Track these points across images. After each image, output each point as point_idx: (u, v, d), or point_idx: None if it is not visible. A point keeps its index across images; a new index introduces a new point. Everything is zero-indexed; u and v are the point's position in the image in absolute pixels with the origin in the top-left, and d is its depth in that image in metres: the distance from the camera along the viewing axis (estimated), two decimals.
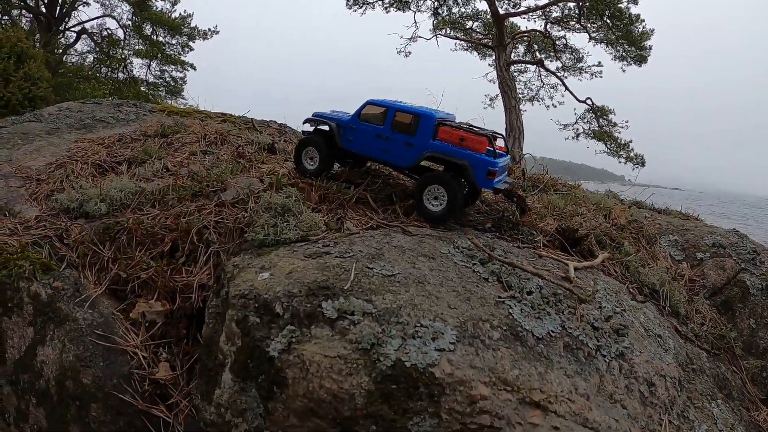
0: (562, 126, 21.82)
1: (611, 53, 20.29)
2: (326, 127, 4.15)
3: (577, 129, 20.32)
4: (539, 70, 22.47)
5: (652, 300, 3.85)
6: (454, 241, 3.33)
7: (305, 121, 4.27)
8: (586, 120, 20.73)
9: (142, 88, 19.02)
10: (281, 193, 4.00)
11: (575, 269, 3.37)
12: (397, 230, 3.54)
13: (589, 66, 22.01)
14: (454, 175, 3.42)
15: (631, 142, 18.73)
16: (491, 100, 24.62)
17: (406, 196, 4.18)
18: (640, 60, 19.22)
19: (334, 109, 4.33)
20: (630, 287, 3.82)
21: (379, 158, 3.82)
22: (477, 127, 3.85)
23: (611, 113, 19.70)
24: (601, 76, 21.77)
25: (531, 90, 23.12)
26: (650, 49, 18.95)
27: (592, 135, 19.54)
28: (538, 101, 23.04)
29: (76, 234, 3.97)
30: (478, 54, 24.01)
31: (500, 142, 3.89)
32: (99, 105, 8.18)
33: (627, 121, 19.35)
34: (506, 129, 21.24)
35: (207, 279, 3.72)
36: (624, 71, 19.72)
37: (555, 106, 23.52)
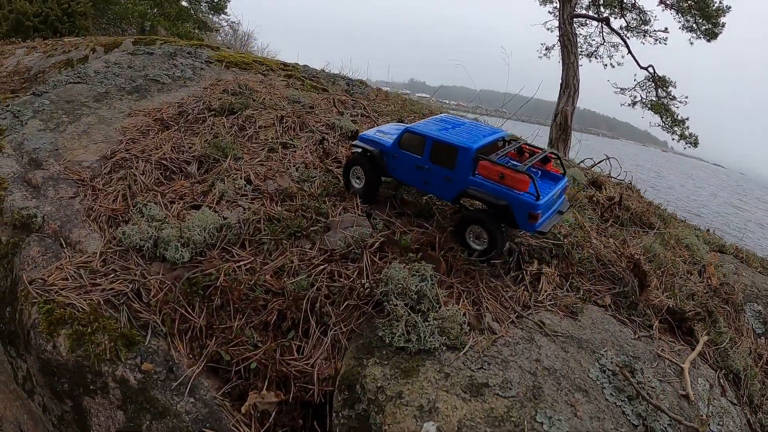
0: (619, 89, 19.62)
1: (680, 21, 17.63)
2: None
3: (635, 96, 18.23)
4: (602, 27, 19.77)
5: (734, 387, 3.57)
6: (598, 355, 3.02)
7: (351, 146, 4.06)
8: (644, 88, 18.55)
9: (183, 3, 16.89)
10: (411, 268, 3.08)
11: (688, 370, 3.18)
12: (535, 329, 3.11)
13: (654, 30, 19.29)
14: (494, 214, 3.11)
15: (687, 119, 16.79)
16: (547, 49, 22.08)
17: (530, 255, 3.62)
18: (711, 35, 16.70)
19: (381, 128, 4.02)
20: (721, 377, 3.49)
21: (422, 189, 3.54)
22: (530, 146, 3.52)
23: (672, 85, 17.51)
24: (665, 43, 19.16)
25: (590, 46, 20.56)
26: (723, 26, 16.39)
27: (649, 106, 17.53)
28: (596, 58, 20.58)
29: (157, 290, 3.04)
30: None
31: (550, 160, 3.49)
32: (151, 57, 6.81)
33: (686, 97, 17.23)
34: (561, 84, 19.18)
35: (326, 367, 2.87)
36: (692, 43, 17.20)
37: (613, 66, 21.06)
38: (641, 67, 18.69)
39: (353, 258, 3.30)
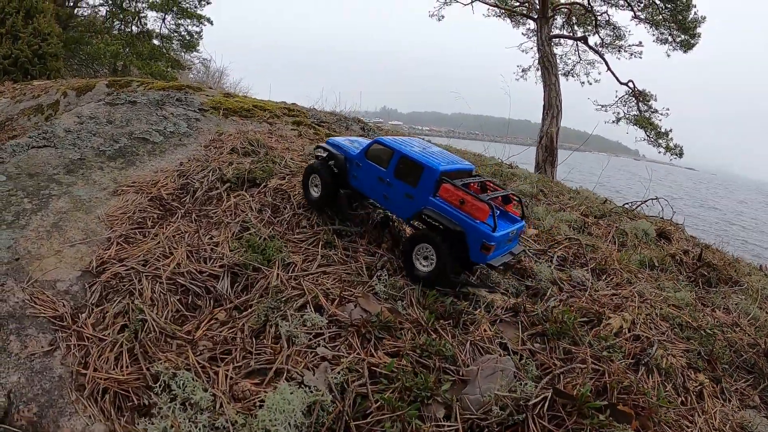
0: (600, 106, 19.12)
1: (654, 35, 17.34)
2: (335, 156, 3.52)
3: (618, 113, 17.73)
4: (577, 45, 19.36)
5: None
6: None
7: (316, 148, 3.75)
8: (625, 104, 18.10)
9: (155, 41, 15.68)
10: None
11: None
12: None
13: (629, 45, 18.96)
14: (446, 237, 2.87)
15: (671, 131, 16.36)
16: (523, 71, 21.57)
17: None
18: (687, 46, 16.37)
19: (351, 137, 3.86)
20: None
21: (380, 203, 3.32)
22: (494, 184, 3.37)
23: (653, 99, 17.10)
24: (640, 57, 18.83)
25: (566, 65, 20.11)
26: (699, 36, 16.09)
27: (633, 121, 17.03)
28: (573, 76, 20.11)
29: None
30: (512, 22, 20.60)
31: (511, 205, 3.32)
32: (134, 107, 5.31)
33: (668, 109, 16.83)
34: (544, 106, 18.54)
35: None
36: (669, 56, 16.88)
37: (590, 84, 20.64)
38: (621, 83, 18.30)
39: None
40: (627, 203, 6.36)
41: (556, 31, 19.33)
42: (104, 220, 3.22)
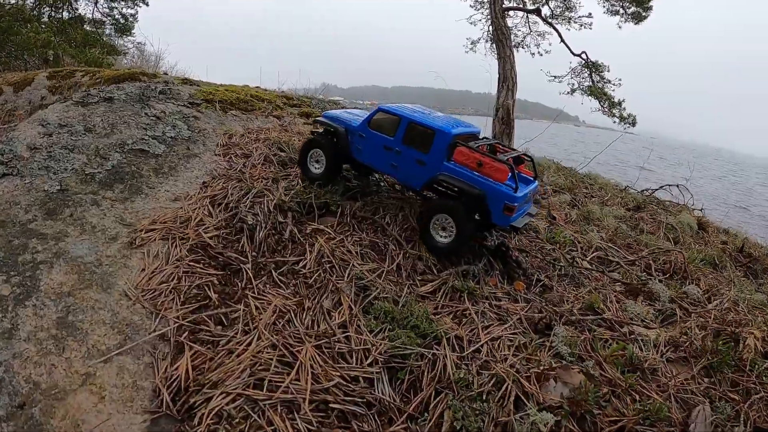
0: (553, 77, 19.05)
1: (605, 6, 17.29)
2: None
3: (573, 84, 17.79)
4: (527, 17, 18.95)
5: None
6: None
7: (314, 122, 3.42)
8: (577, 75, 18.17)
9: (87, 27, 13.43)
10: None
11: None
12: None
13: (579, 17, 18.81)
14: (465, 203, 2.66)
15: (624, 101, 16.70)
16: (473, 43, 20.85)
17: None
18: (638, 18, 16.39)
19: (348, 109, 3.62)
20: None
21: (388, 173, 3.00)
22: (503, 146, 3.16)
23: (605, 70, 17.29)
24: (590, 28, 18.83)
25: (516, 36, 19.67)
26: (651, 9, 16.18)
27: (588, 92, 17.20)
28: (523, 48, 19.77)
29: None
30: None
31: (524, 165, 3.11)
32: (112, 105, 3.91)
33: (620, 79, 17.10)
34: (499, 78, 17.98)
35: None
36: (620, 27, 16.95)
37: (541, 55, 20.43)
38: (574, 54, 18.22)
39: None
40: (644, 189, 6.14)
41: (509, 3, 18.72)
42: (138, 299, 2.12)
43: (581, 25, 19.58)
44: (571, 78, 19.01)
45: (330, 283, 2.32)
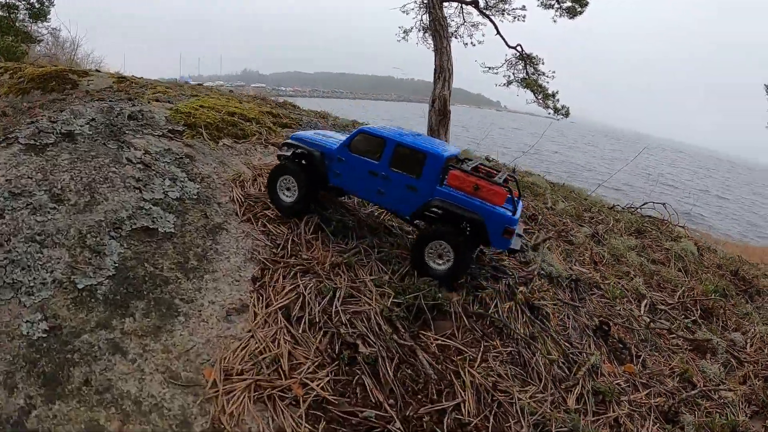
0: (488, 68, 19.41)
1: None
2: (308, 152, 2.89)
3: (509, 76, 18.24)
4: (462, 8, 18.85)
5: None
6: None
7: (282, 145, 3.04)
8: (512, 66, 18.67)
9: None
10: None
11: None
12: None
13: (513, 9, 19.17)
14: (462, 229, 2.56)
15: (557, 92, 17.47)
16: (405, 32, 20.47)
17: None
18: (573, 12, 17.03)
19: (318, 131, 3.30)
20: None
21: (373, 200, 2.84)
22: (485, 166, 2.95)
23: (540, 62, 17.94)
24: (524, 20, 19.33)
25: (449, 26, 19.61)
26: (587, 4, 16.92)
27: (524, 84, 17.77)
28: (456, 38, 19.76)
29: None
30: None
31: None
32: (79, 148, 2.66)
33: (554, 71, 17.87)
34: (436, 70, 17.82)
35: None
36: (555, 21, 17.56)
37: (474, 45, 20.67)
38: (509, 46, 18.57)
39: None
40: (630, 207, 6.35)
41: None
42: None
43: (515, 17, 19.94)
44: (507, 70, 19.54)
45: None
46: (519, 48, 19.90)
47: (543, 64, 18.84)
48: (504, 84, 19.76)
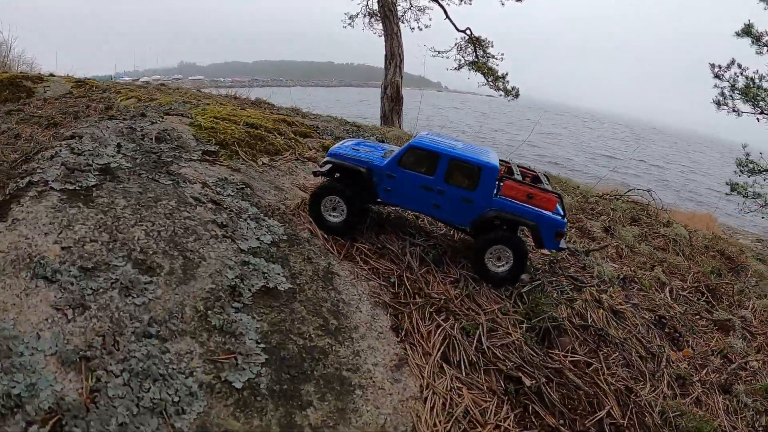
0: (437, 52, 19.88)
1: None
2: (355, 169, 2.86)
3: (460, 60, 18.78)
4: None
5: None
6: None
7: (324, 163, 2.87)
8: (461, 50, 19.28)
9: None
10: None
11: None
12: None
13: None
14: (516, 233, 2.81)
15: (507, 74, 18.36)
16: (351, 18, 20.23)
17: None
18: None
19: (354, 142, 3.16)
20: None
21: (429, 214, 2.89)
22: (525, 168, 3.25)
23: (489, 45, 18.70)
24: (470, 4, 19.97)
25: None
26: None
27: (475, 67, 18.43)
28: (403, 23, 19.90)
29: None
30: None
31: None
32: (126, 189, 2.14)
33: (503, 54, 18.75)
34: (386, 56, 17.97)
35: None
36: (503, 4, 18.30)
37: (420, 29, 21.03)
38: (458, 30, 18.94)
39: None
40: (617, 195, 7.03)
41: None
42: None
43: (461, 0, 20.46)
44: (457, 53, 20.04)
45: None
46: (468, 32, 20.46)
47: (492, 47, 19.61)
48: (455, 68, 20.27)
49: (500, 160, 3.01)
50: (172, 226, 2.13)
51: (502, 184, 2.74)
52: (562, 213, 2.79)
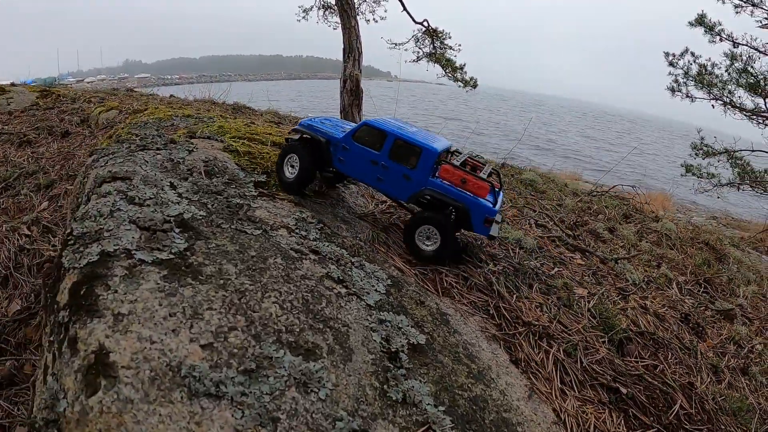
0: (394, 44, 20.54)
1: None
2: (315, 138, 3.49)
3: (418, 53, 19.55)
4: None
5: None
6: None
7: (292, 131, 3.53)
8: (418, 41, 20.06)
9: None
10: None
11: None
12: None
13: None
14: (447, 215, 3.16)
15: (465, 65, 19.42)
16: (305, 11, 20.28)
17: None
18: None
19: (325, 118, 3.76)
20: None
21: (373, 185, 3.34)
22: (472, 158, 3.65)
23: (447, 37, 19.65)
24: None
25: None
26: None
27: (434, 60, 19.28)
28: (359, 15, 20.37)
29: None
30: None
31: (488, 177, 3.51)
32: (244, 258, 2.15)
33: (460, 45, 19.77)
34: (345, 49, 18.33)
35: None
36: None
37: (376, 21, 21.59)
38: (416, 22, 19.59)
39: None
40: (600, 192, 7.99)
41: None
42: None
43: None
44: (415, 45, 20.68)
45: None
46: (426, 23, 21.22)
47: (450, 38, 20.52)
48: (414, 60, 20.91)
49: (454, 150, 3.50)
50: (298, 291, 2.08)
51: (439, 167, 3.13)
52: (493, 201, 3.15)
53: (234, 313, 1.84)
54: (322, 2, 19.84)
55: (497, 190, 3.37)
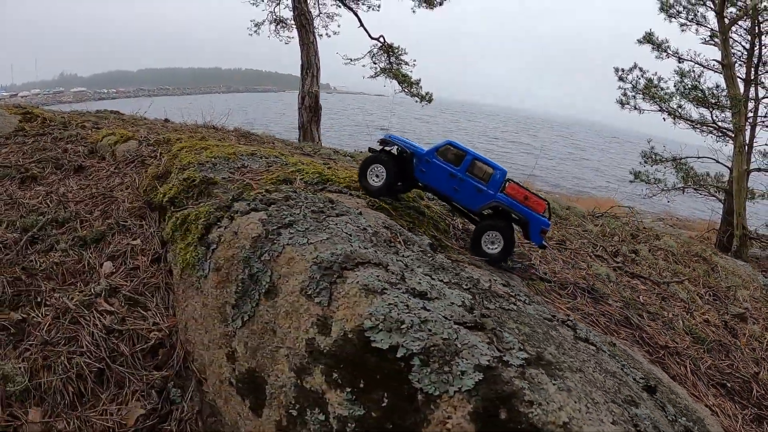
0: (349, 60, 21.83)
1: None
2: (395, 151, 4.28)
3: (377, 68, 20.90)
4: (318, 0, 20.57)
5: None
6: None
7: (380, 141, 4.28)
8: (373, 56, 21.47)
9: None
10: None
11: None
12: None
13: None
14: (510, 224, 3.94)
15: (420, 80, 20.93)
16: (257, 26, 21.03)
17: None
18: (431, 4, 20.38)
19: (401, 135, 4.47)
20: None
21: (448, 195, 4.07)
22: (521, 187, 4.12)
23: (403, 53, 21.17)
24: (378, 10, 22.31)
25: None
26: None
27: (391, 75, 20.74)
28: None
29: None
30: None
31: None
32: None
33: (415, 60, 21.33)
34: (303, 66, 19.45)
35: None
36: (414, 12, 20.81)
37: (329, 36, 22.77)
38: (372, 38, 20.74)
39: None
40: (601, 213, 9.66)
41: None
42: None
43: (369, 7, 22.52)
44: (370, 60, 21.92)
45: None
46: (381, 39, 22.54)
47: (405, 53, 22.02)
48: (372, 76, 22.08)
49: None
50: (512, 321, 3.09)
51: (507, 185, 3.92)
52: (548, 216, 3.91)
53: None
54: (275, 17, 20.47)
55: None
